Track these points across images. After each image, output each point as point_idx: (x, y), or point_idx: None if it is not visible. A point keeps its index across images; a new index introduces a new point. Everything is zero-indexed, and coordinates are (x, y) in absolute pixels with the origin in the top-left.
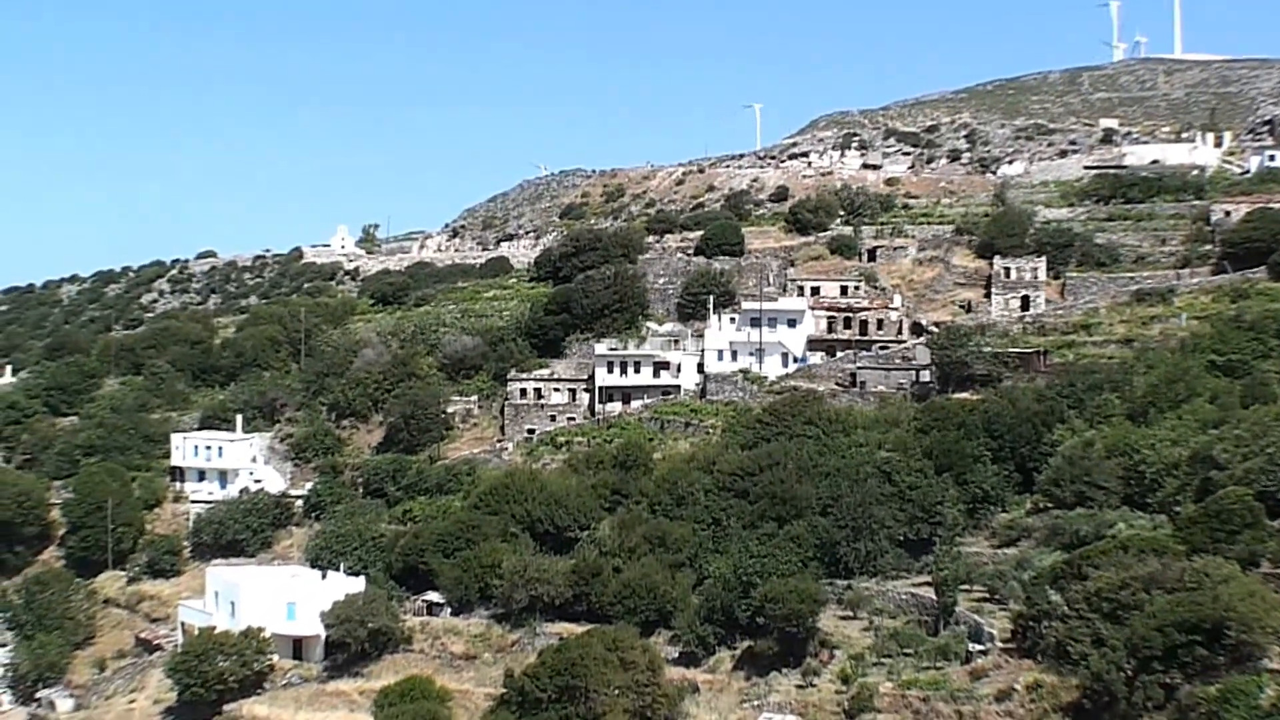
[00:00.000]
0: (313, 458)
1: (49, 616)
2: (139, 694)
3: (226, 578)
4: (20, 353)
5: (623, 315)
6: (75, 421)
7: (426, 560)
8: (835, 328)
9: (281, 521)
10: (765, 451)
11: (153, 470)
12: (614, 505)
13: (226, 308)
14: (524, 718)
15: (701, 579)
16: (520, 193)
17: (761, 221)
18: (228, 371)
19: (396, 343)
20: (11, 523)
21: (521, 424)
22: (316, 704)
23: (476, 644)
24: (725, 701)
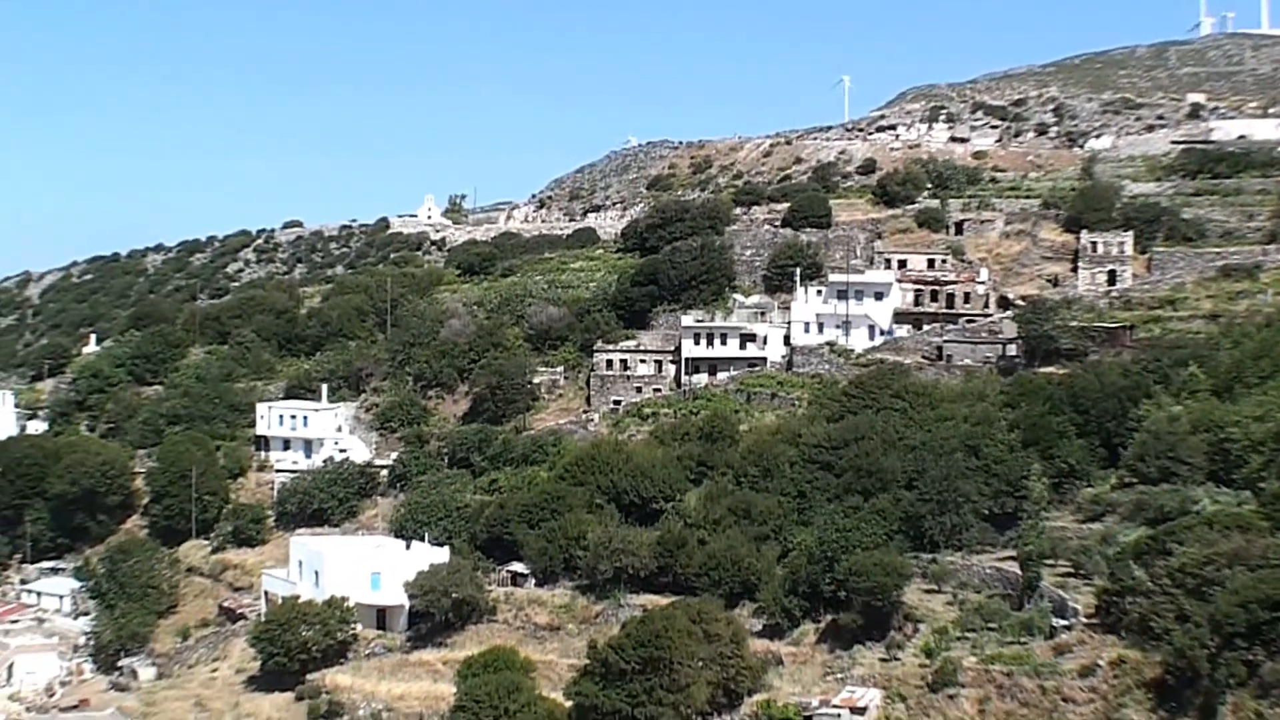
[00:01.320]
0: (398, 427)
1: (132, 585)
2: (222, 663)
3: (311, 547)
4: (105, 322)
5: (709, 287)
6: (160, 390)
7: (511, 531)
8: (922, 301)
9: (366, 491)
10: (851, 424)
11: (237, 439)
12: (699, 477)
13: (312, 277)
14: (607, 689)
15: (786, 551)
16: (608, 164)
17: (849, 194)
18: (313, 341)
19: (483, 313)
20: (95, 491)
21: (607, 395)
22: (399, 674)
23: (560, 615)
24: (809, 674)
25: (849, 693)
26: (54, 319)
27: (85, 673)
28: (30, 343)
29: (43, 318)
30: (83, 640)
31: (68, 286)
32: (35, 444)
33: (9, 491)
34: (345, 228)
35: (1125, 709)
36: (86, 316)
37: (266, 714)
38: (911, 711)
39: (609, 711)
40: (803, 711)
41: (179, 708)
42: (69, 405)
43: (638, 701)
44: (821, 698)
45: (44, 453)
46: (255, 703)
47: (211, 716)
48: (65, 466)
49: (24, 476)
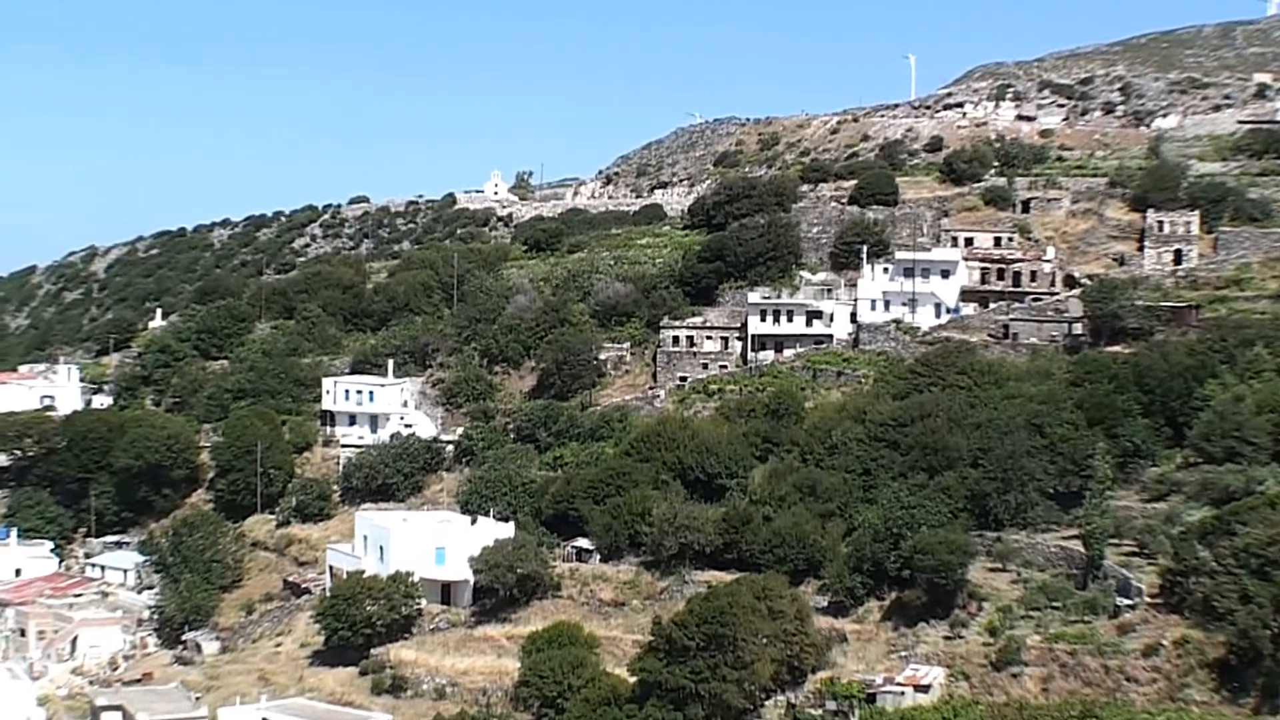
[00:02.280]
0: (464, 403)
1: (196, 559)
2: (286, 637)
3: (376, 522)
4: (171, 296)
5: (776, 264)
6: (226, 365)
7: (577, 506)
8: (988, 279)
9: (432, 466)
10: (917, 402)
11: (303, 414)
12: (765, 454)
13: (379, 253)
14: (671, 665)
15: (851, 529)
16: (674, 140)
17: (915, 171)
18: (379, 316)
19: (549, 289)
20: (160, 466)
21: (674, 371)
22: (464, 649)
23: (625, 591)
24: (873, 652)
25: (912, 671)
26: (120, 294)
27: (149, 646)
28: (96, 317)
29: (109, 292)
30: (147, 614)
31: (134, 261)
32: (101, 418)
33: (74, 465)
34: (412, 203)
35: (1188, 689)
36: (152, 291)
37: (330, 688)
38: (975, 690)
39: (673, 688)
40: (866, 689)
41: (242, 682)
42: (134, 380)
43: (701, 678)
44: (885, 675)
45: (109, 427)
46: (319, 677)
47: (275, 691)
48: (130, 440)
49: (89, 450)
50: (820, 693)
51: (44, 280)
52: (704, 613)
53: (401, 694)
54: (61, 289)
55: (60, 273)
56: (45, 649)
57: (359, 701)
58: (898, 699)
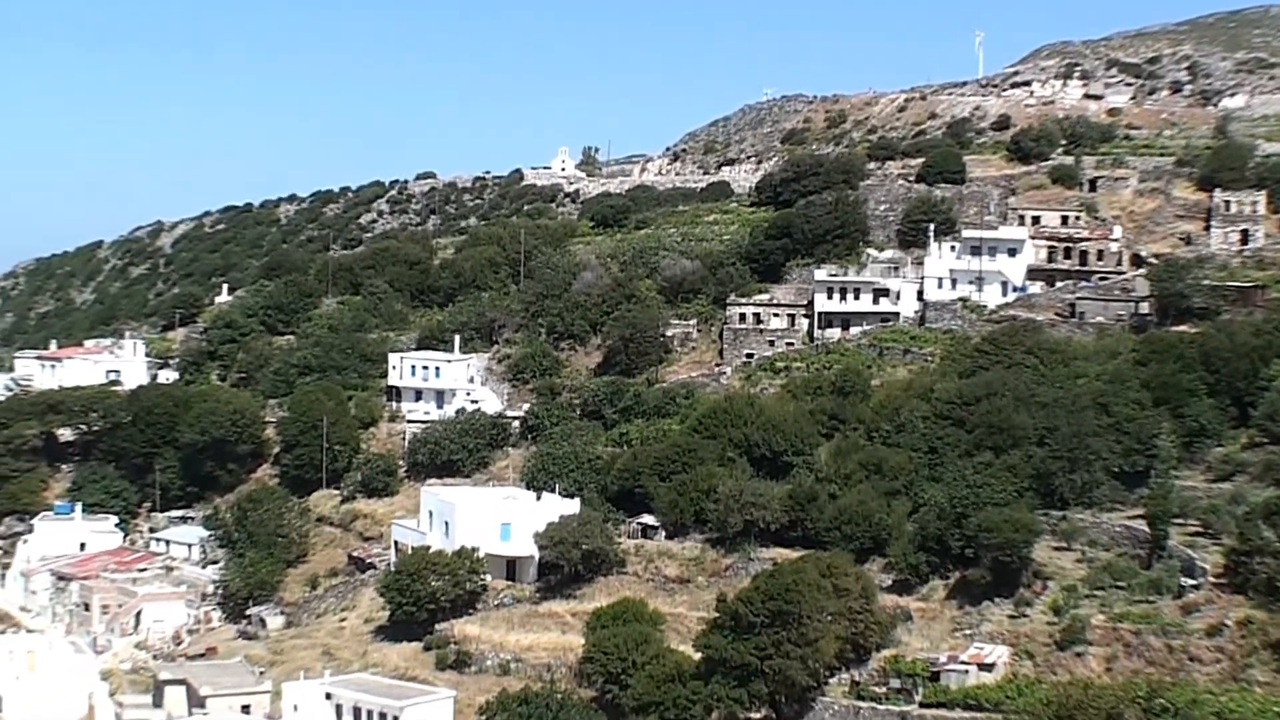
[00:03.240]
0: (530, 379)
1: (261, 534)
2: (350, 612)
3: (441, 497)
4: (237, 271)
5: (843, 241)
6: (292, 340)
7: (642, 483)
8: (1055, 257)
9: (498, 442)
10: (983, 380)
11: (369, 389)
12: (831, 431)
13: (445, 228)
14: (736, 642)
15: (917, 507)
16: (742, 117)
17: (983, 150)
18: (446, 292)
19: (616, 265)
20: (225, 440)
21: (740, 348)
22: (528, 625)
23: (690, 567)
24: (937, 630)
25: (977, 649)
26: (186, 268)
27: (213, 621)
28: (162, 292)
29: (175, 267)
30: (211, 589)
31: (200, 236)
32: (166, 393)
33: (139, 440)
34: (479, 179)
35: (1251, 669)
36: (219, 266)
37: (394, 664)
38: (1039, 668)
39: (737, 664)
40: (930, 667)
41: (306, 657)
42: (200, 354)
43: (766, 655)
44: (949, 654)
45: (175, 402)
46: (383, 652)
47: (339, 666)
48: (196, 415)
49: (154, 425)
50: (884, 670)
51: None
52: (769, 589)
53: (466, 669)
54: (128, 264)
55: (126, 248)
56: (109, 623)
57: (423, 677)
58: (962, 677)
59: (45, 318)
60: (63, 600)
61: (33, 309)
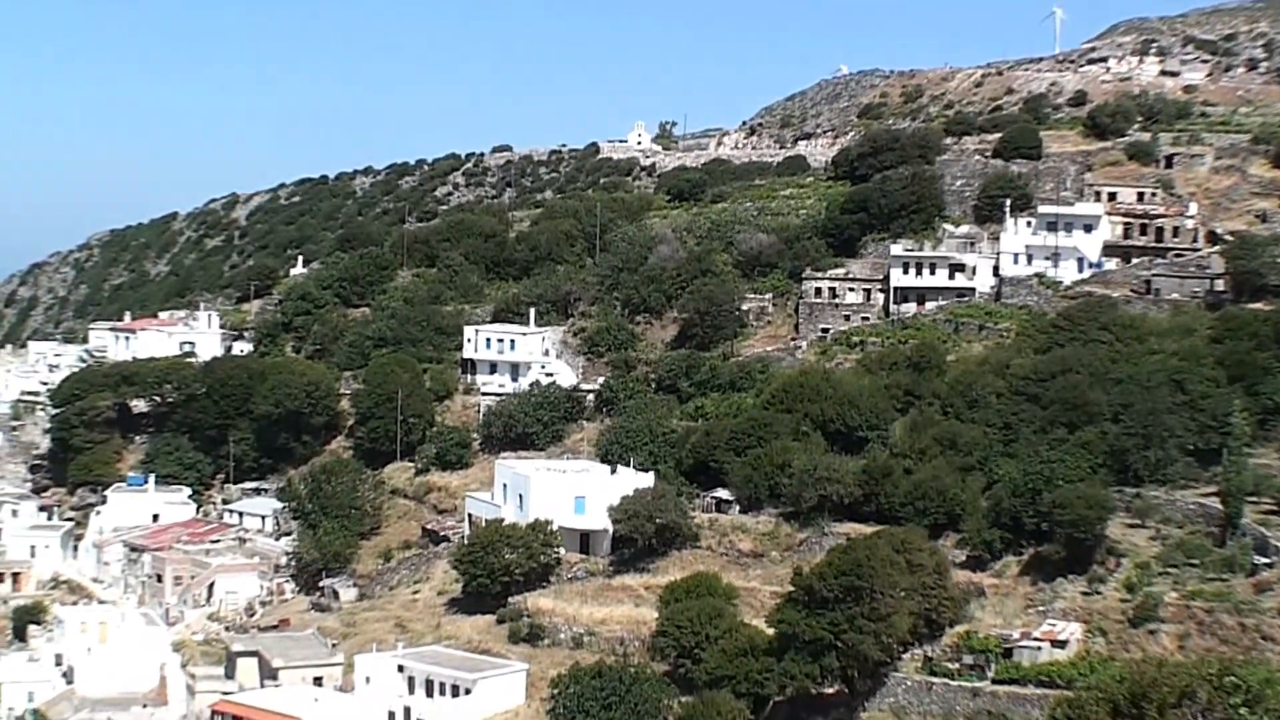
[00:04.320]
0: (605, 352)
1: (335, 506)
2: (424, 585)
3: (515, 470)
4: (313, 244)
5: (919, 216)
6: (367, 313)
7: (717, 457)
8: (1131, 234)
9: (572, 415)
10: (1058, 356)
11: (444, 362)
12: (906, 406)
13: (521, 201)
14: (810, 617)
15: (991, 483)
16: (818, 92)
17: (1059, 126)
18: (521, 265)
19: (692, 239)
20: (300, 412)
21: (816, 323)
22: (602, 598)
23: (764, 542)
24: (1011, 606)
25: (1050, 626)
26: (261, 240)
27: (286, 593)
28: (237, 264)
29: (250, 239)
30: (284, 560)
31: (275, 208)
32: (241, 365)
33: (214, 412)
34: (555, 152)
35: None
36: (294, 238)
37: (467, 636)
38: (1112, 646)
39: (810, 639)
40: (1003, 644)
41: (379, 629)
42: (275, 326)
43: (840, 630)
44: (1022, 630)
45: (249, 373)
46: (456, 625)
47: (412, 638)
48: (270, 387)
49: (229, 397)
50: (957, 646)
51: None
52: (843, 565)
53: (539, 642)
54: (203, 236)
55: (201, 219)
56: (182, 594)
57: (496, 649)
58: (1034, 654)
59: (120, 289)
60: (135, 571)
61: (107, 280)
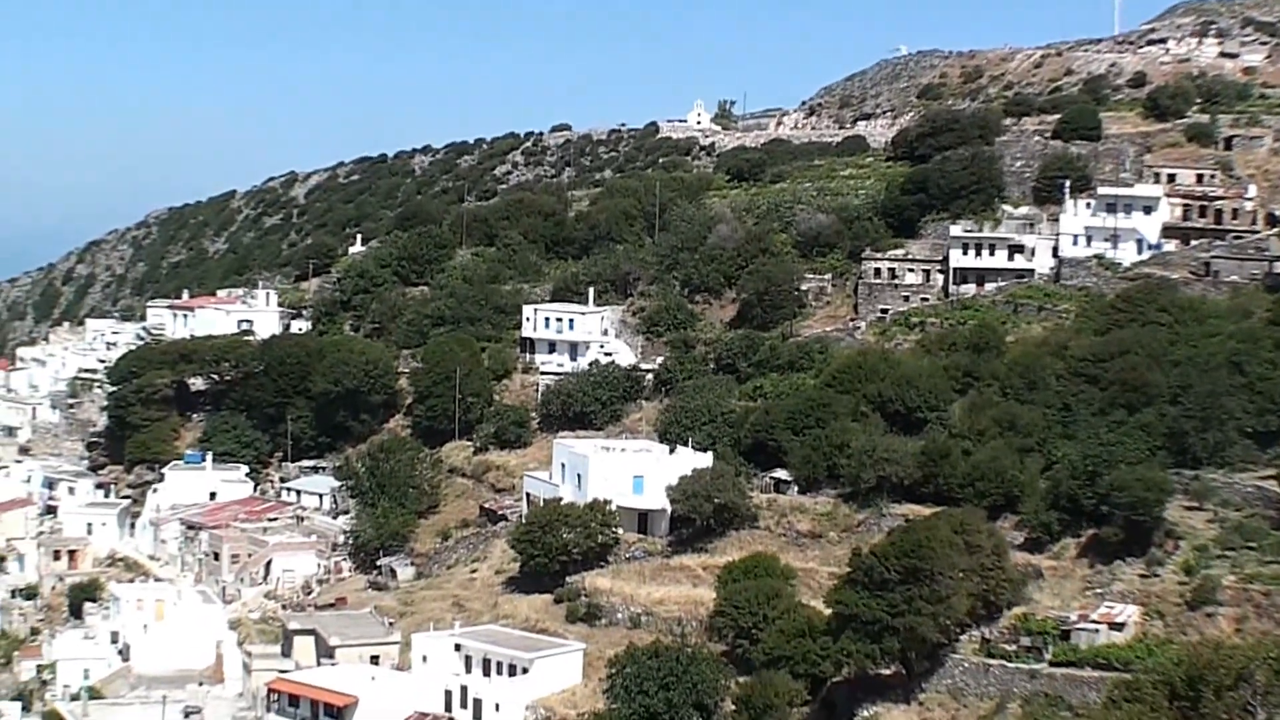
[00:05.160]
0: (664, 332)
1: (392, 485)
2: (481, 564)
3: (574, 449)
4: (371, 222)
5: (978, 197)
6: (425, 291)
7: (776, 437)
8: (1190, 216)
9: (631, 395)
10: (1117, 338)
11: (503, 341)
12: (965, 387)
13: (580, 181)
14: (868, 597)
15: (1050, 464)
16: (878, 72)
17: (1119, 107)
18: (580, 244)
19: (751, 219)
20: (358, 391)
21: (875, 303)
22: (660, 578)
23: (823, 522)
24: (1068, 588)
25: (1107, 608)
26: (320, 219)
27: (343, 571)
28: (295, 242)
29: (308, 217)
30: (341, 539)
31: (334, 187)
32: (299, 343)
33: (271, 390)
34: (614, 132)
35: None
36: (352, 217)
37: (525, 615)
38: (1169, 629)
39: (869, 620)
40: (1061, 626)
41: (437, 608)
42: (333, 305)
43: (898, 611)
44: (1080, 612)
45: (307, 351)
46: (514, 604)
47: (469, 617)
48: (328, 365)
49: (287, 375)
50: (1015, 628)
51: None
52: (902, 546)
53: (596, 622)
54: (261, 214)
55: (260, 198)
56: (239, 573)
57: (554, 629)
58: (1092, 636)
59: (178, 267)
60: (192, 549)
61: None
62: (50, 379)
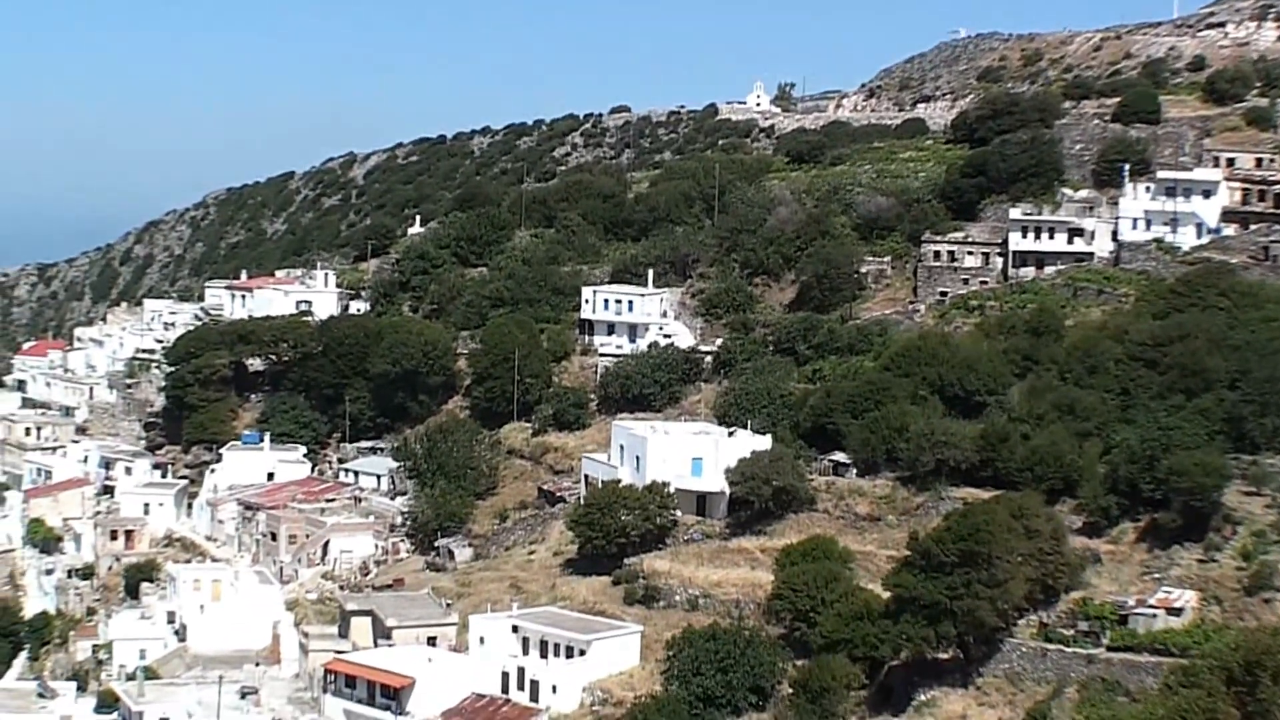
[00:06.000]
0: (723, 314)
1: (451, 466)
2: (539, 545)
3: (632, 431)
4: (430, 203)
5: (1038, 180)
6: (484, 272)
7: (834, 420)
8: (1249, 200)
9: (689, 377)
10: (1176, 322)
11: (561, 323)
12: (1024, 371)
13: (640, 162)
14: (927, 581)
15: (1108, 449)
16: (937, 54)
17: (1178, 90)
18: (640, 226)
19: (810, 201)
20: (417, 372)
21: (934, 286)
22: (718, 560)
23: (881, 505)
24: (1127, 573)
25: (1165, 593)
26: (378, 200)
27: (401, 552)
28: (354, 223)
29: (367, 198)
30: (399, 520)
31: (393, 168)
32: (357, 324)
33: (330, 370)
34: (674, 113)
35: None
36: (411, 198)
37: (582, 597)
38: (1226, 614)
39: (927, 604)
40: (1119, 610)
41: (494, 589)
42: (392, 286)
43: (956, 594)
44: (1138, 597)
45: (366, 332)
46: (571, 586)
47: (527, 599)
48: (387, 346)
49: (345, 356)
50: (1072, 613)
51: (302, 186)
52: (961, 529)
53: (654, 604)
54: (319, 195)
55: (319, 179)
56: (296, 553)
57: (611, 610)
58: (1150, 621)
59: (236, 248)
60: (249, 530)
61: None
62: (108, 359)
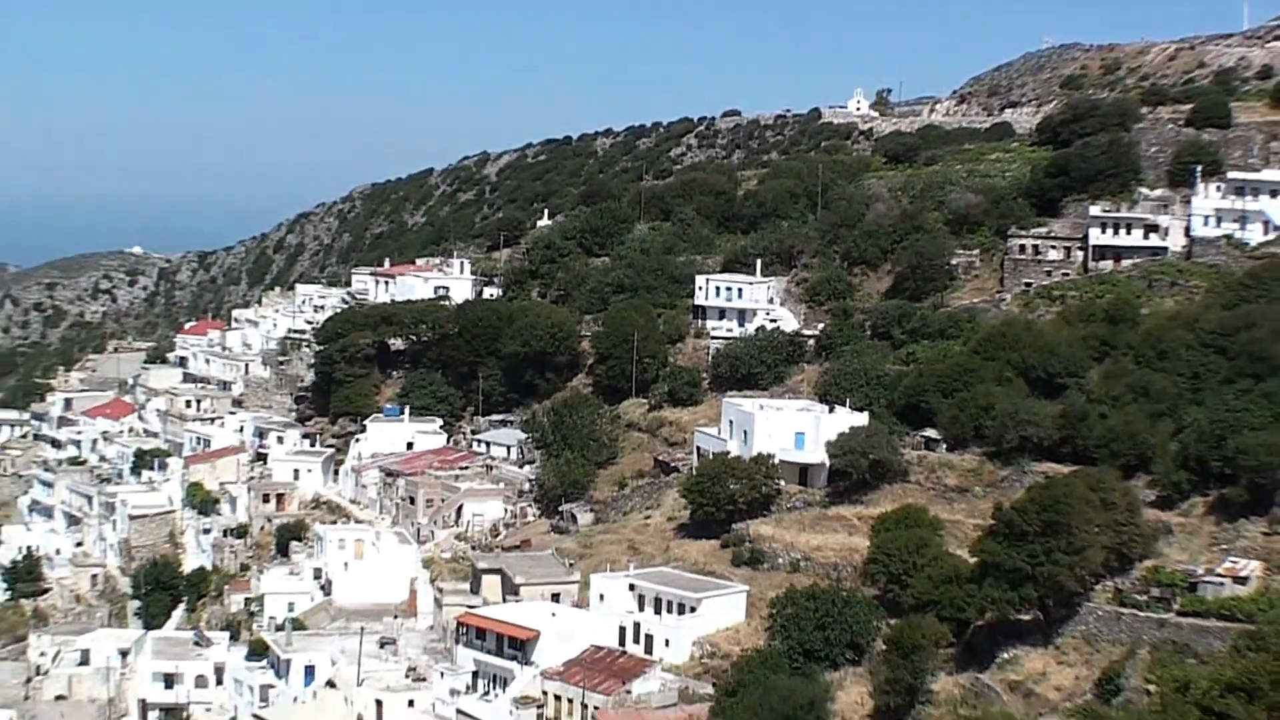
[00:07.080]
0: (825, 301)
1: (575, 437)
2: (654, 511)
3: (741, 408)
4: (557, 198)
5: (1116, 180)
6: (606, 262)
7: (926, 399)
8: None
9: (794, 358)
10: (1244, 312)
11: (677, 308)
12: (1102, 356)
13: (749, 162)
14: (1010, 548)
15: (1180, 429)
16: (1023, 64)
17: (1247, 97)
18: (749, 220)
19: (906, 198)
20: (545, 352)
21: (1019, 277)
22: (818, 526)
23: (969, 478)
24: (1196, 544)
25: (1232, 563)
26: (510, 195)
27: (528, 516)
28: (487, 216)
29: (499, 193)
30: (527, 486)
31: (523, 166)
32: (490, 308)
33: (465, 350)
34: (780, 117)
35: None
36: (540, 193)
37: (694, 559)
38: None
39: (1010, 569)
40: (1188, 578)
41: (613, 550)
42: (522, 273)
43: (1037, 561)
44: (1206, 566)
45: (498, 316)
46: (684, 548)
47: (643, 559)
48: (518, 329)
49: (479, 337)
50: (1145, 580)
51: (440, 181)
52: (1042, 501)
53: (759, 566)
54: (456, 190)
55: (455, 175)
56: (432, 516)
57: (720, 571)
58: (1217, 589)
59: (380, 238)
60: (390, 494)
61: (368, 230)
62: (262, 338)
